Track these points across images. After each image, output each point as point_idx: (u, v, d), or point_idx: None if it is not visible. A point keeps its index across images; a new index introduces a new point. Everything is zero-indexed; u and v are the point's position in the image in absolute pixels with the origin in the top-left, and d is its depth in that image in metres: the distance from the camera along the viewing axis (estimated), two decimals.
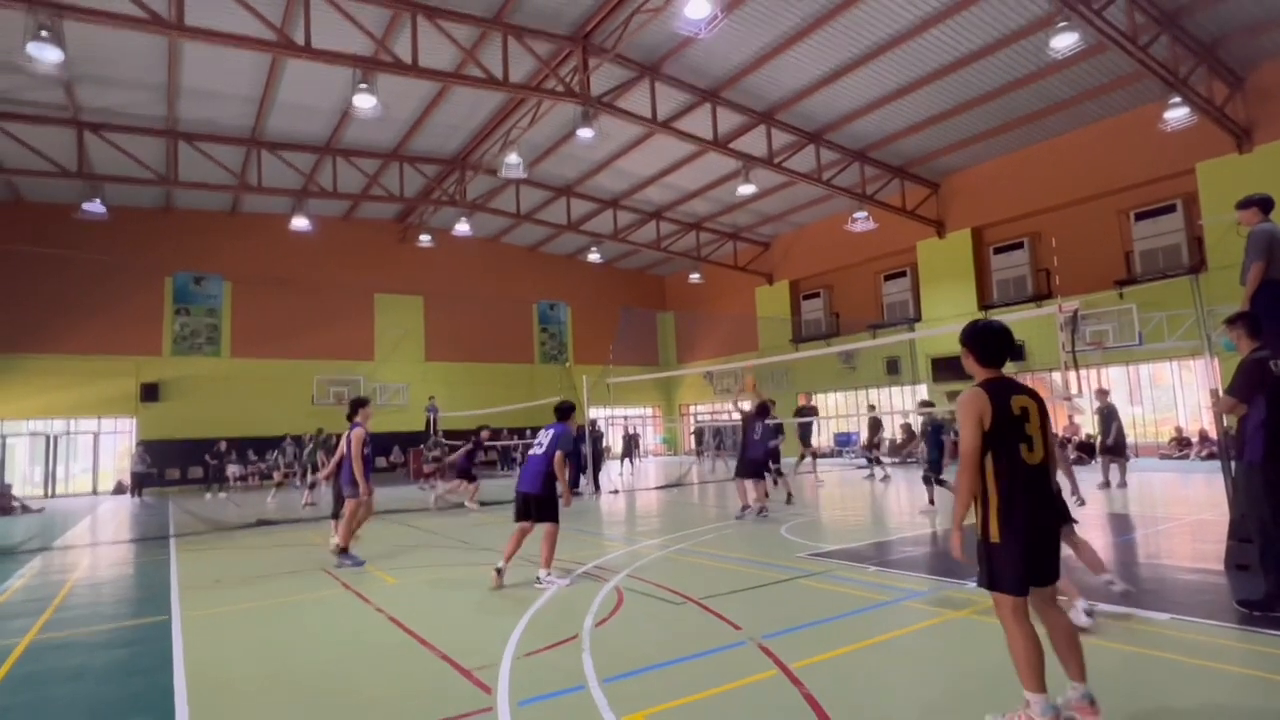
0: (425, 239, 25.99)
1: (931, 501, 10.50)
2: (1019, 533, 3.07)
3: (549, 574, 6.39)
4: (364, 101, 14.39)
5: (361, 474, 8.00)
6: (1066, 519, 4.74)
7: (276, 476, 19.80)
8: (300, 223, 21.84)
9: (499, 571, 6.38)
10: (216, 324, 24.76)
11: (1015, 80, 16.94)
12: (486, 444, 15.31)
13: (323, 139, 20.14)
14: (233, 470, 23.23)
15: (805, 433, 16.79)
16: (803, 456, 17.02)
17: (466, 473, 14.14)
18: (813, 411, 17.81)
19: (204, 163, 18.95)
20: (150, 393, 23.12)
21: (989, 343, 3.27)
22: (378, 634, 5.14)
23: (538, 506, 6.45)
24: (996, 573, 3.12)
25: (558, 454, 6.38)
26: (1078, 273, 18.63)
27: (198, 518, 13.74)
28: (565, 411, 6.80)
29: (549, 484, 6.42)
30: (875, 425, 18.06)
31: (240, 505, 16.48)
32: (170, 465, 22.65)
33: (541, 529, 6.51)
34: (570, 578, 6.54)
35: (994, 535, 3.10)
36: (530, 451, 6.60)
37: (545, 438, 6.52)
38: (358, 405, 8.45)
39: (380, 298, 27.74)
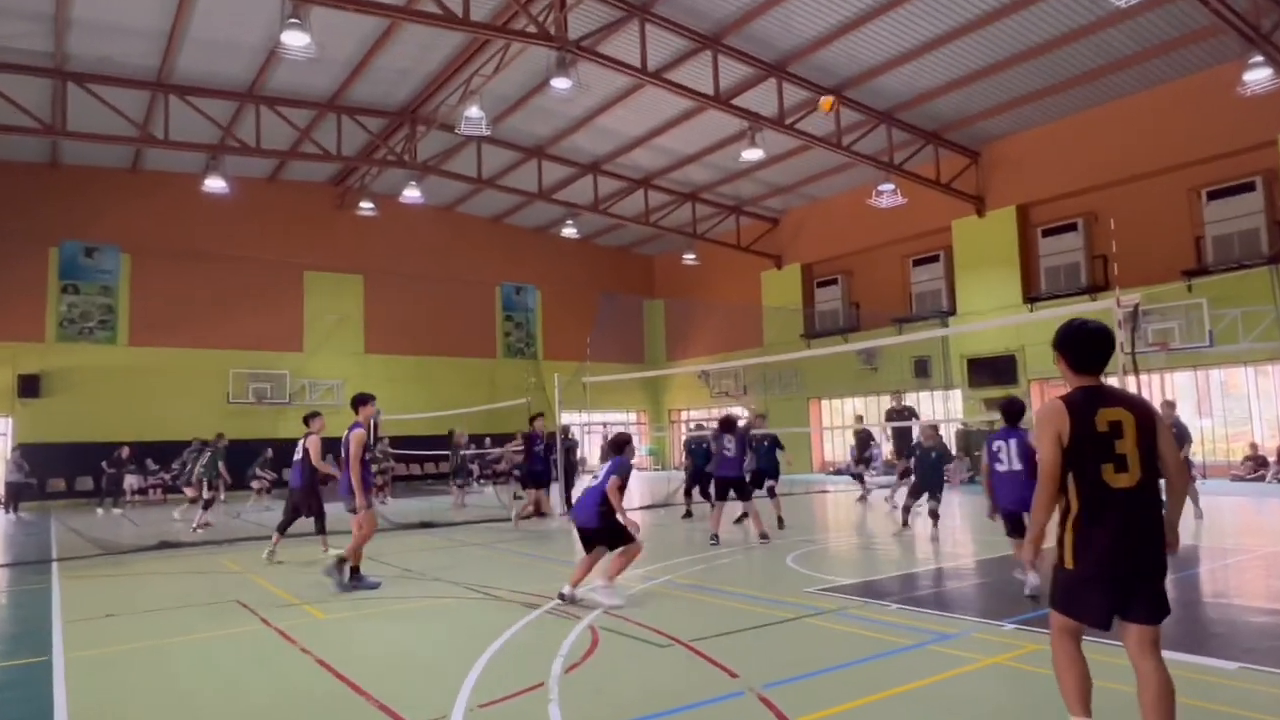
0: (367, 206, 25.81)
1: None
2: (1096, 563, 3.19)
3: (607, 586, 6.86)
4: (295, 39, 14.25)
5: (360, 483, 8.08)
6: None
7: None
8: (215, 184, 21.60)
9: (562, 597, 6.97)
10: (111, 304, 24.45)
11: (1071, 32, 17.09)
12: (464, 450, 15.20)
13: (244, 84, 19.92)
14: (131, 482, 22.97)
15: (901, 444, 15.73)
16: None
17: (539, 477, 13.89)
18: (904, 415, 17.10)
19: (99, 109, 18.67)
20: (29, 386, 22.78)
21: (1084, 347, 3.39)
22: (303, 680, 5.11)
23: (607, 537, 7.02)
24: (1059, 595, 3.33)
25: (612, 479, 6.99)
26: (1139, 261, 18.82)
27: (86, 538, 13.57)
28: (621, 445, 7.43)
29: (606, 517, 6.96)
30: (865, 440, 18.23)
31: (138, 523, 16.30)
32: (54, 474, 22.33)
33: (622, 548, 7.06)
34: (624, 598, 6.90)
35: (1068, 561, 3.25)
36: (587, 485, 7.29)
37: (602, 471, 7.21)
38: (359, 402, 8.51)
39: (311, 276, 27.52)
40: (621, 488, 7.06)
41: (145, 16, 16.71)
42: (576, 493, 16.98)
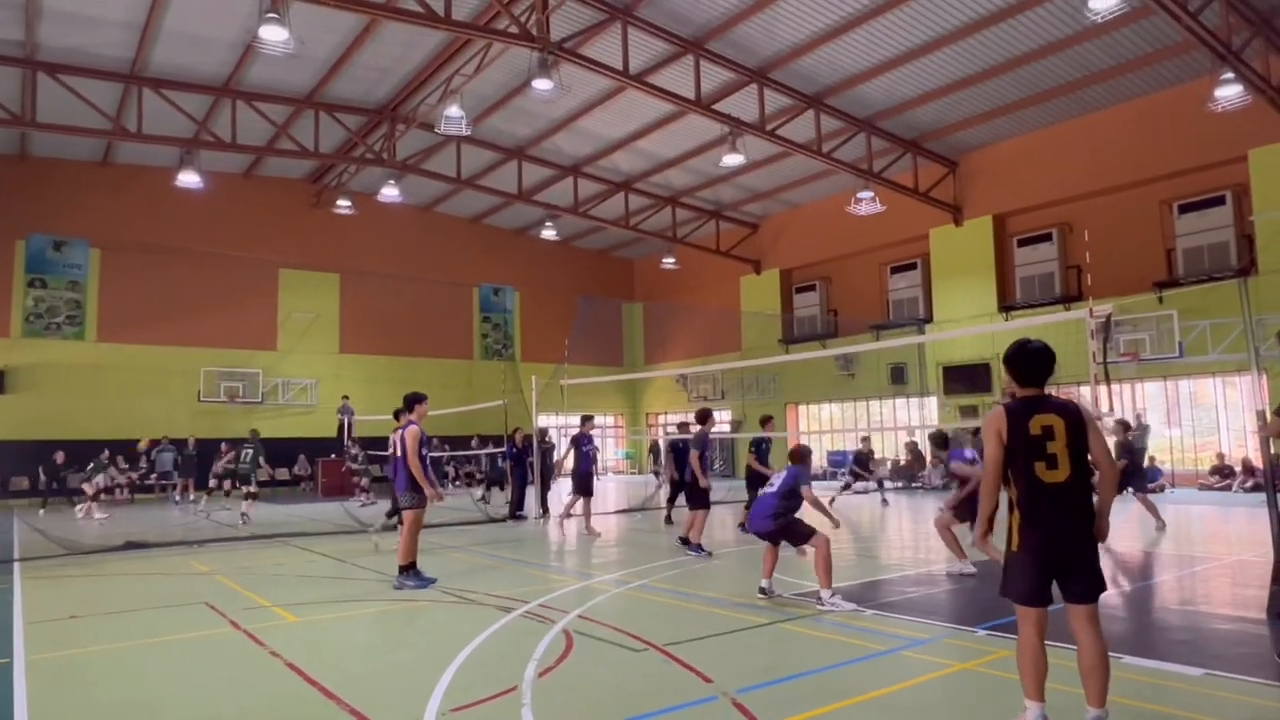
0: (344, 204, 25.60)
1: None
2: (1033, 548, 3.71)
3: (832, 594, 6.98)
4: (273, 34, 14.11)
5: (423, 476, 8.34)
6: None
7: (214, 483, 18.79)
8: (189, 179, 21.30)
9: (764, 591, 7.30)
10: (80, 300, 24.04)
11: (1047, 45, 17.37)
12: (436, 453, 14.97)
13: (220, 78, 19.70)
14: (99, 481, 22.57)
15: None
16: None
17: (697, 495, 11.55)
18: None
19: (70, 101, 18.36)
20: None
21: (1025, 364, 3.93)
22: (272, 684, 5.05)
23: (787, 536, 7.28)
24: (1008, 581, 3.84)
25: (805, 490, 7.30)
26: (1112, 271, 19.17)
27: (50, 538, 13.33)
28: (803, 455, 7.73)
29: (778, 521, 7.22)
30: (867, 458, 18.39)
31: (105, 523, 16.03)
32: (17, 472, 21.88)
33: (810, 553, 7.32)
34: (854, 604, 6.91)
35: (1014, 545, 3.78)
36: (762, 491, 7.67)
37: (778, 479, 7.53)
38: (414, 401, 8.75)
39: (286, 274, 27.24)
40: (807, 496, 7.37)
41: (119, 7, 16.48)
42: (555, 495, 16.96)
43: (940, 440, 9.79)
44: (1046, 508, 3.69)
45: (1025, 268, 21.91)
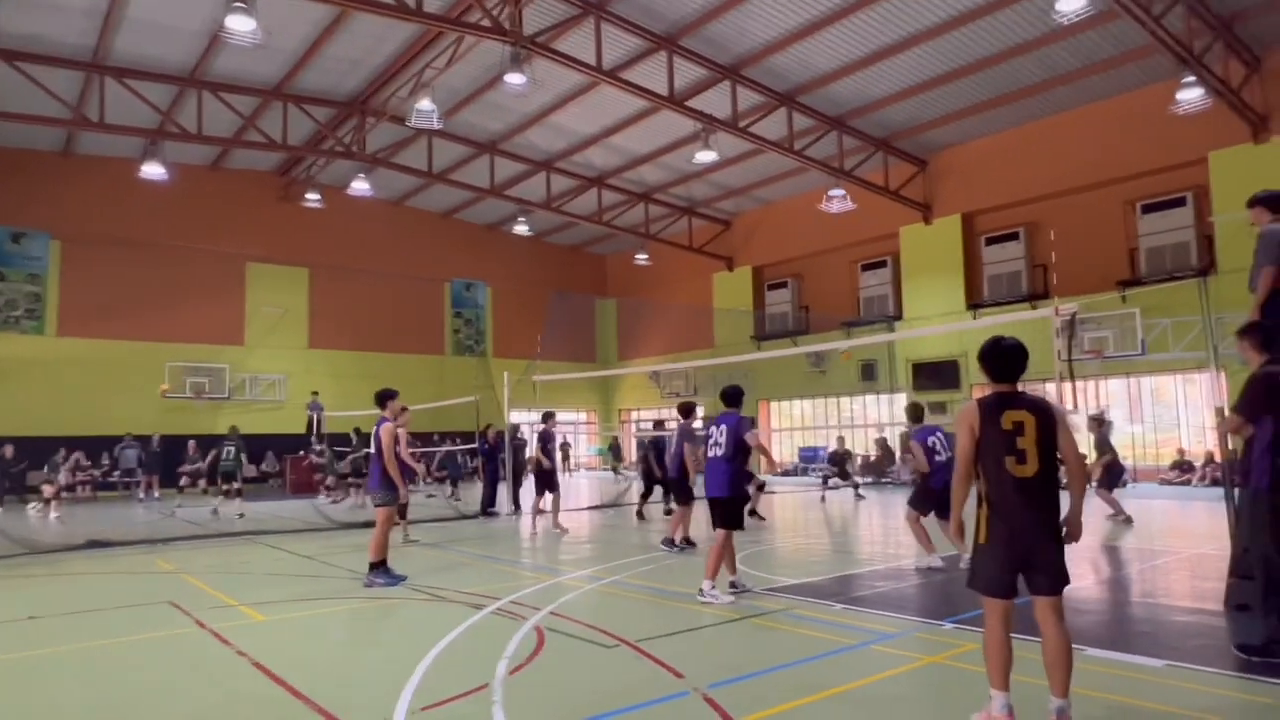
0: (313, 198, 25.26)
1: None
2: (1000, 541, 3.80)
3: (713, 586, 6.85)
4: (240, 23, 13.90)
5: (398, 474, 8.37)
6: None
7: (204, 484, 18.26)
8: (154, 170, 20.90)
9: (733, 586, 7.03)
10: (39, 293, 23.48)
11: (1016, 46, 17.60)
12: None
13: (186, 67, 19.32)
14: (61, 479, 22.09)
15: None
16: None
17: (685, 491, 10.79)
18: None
19: (29, 89, 17.89)
20: None
21: (998, 361, 4.02)
22: (239, 684, 4.99)
23: (721, 510, 7.04)
24: (975, 573, 3.93)
25: (750, 436, 6.93)
26: (1077, 270, 19.48)
27: (10, 537, 13.02)
28: (734, 396, 7.36)
29: (737, 484, 6.96)
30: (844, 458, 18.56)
31: (61, 521, 15.70)
32: None
33: (718, 535, 7.05)
34: (734, 597, 6.92)
35: (981, 537, 3.87)
36: (710, 455, 7.15)
37: (720, 434, 7.05)
38: (386, 397, 8.75)
39: (254, 268, 26.83)
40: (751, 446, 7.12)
41: None
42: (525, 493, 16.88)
43: (916, 413, 9.85)
44: (1014, 502, 3.76)
45: (993, 266, 22.21)
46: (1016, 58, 18.03)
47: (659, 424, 15.72)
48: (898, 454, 23.25)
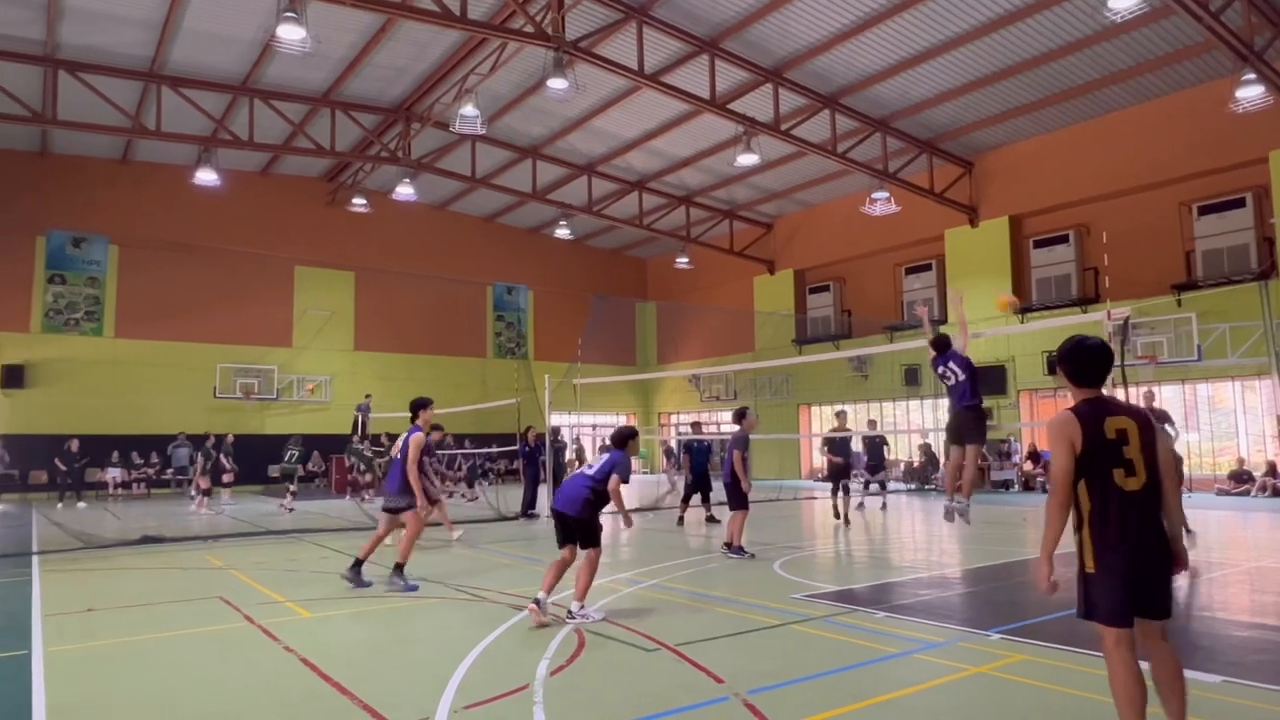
0: (359, 203, 25.73)
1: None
2: (1116, 563, 3.38)
3: (583, 607, 6.57)
4: (290, 33, 14.19)
5: (419, 484, 8.30)
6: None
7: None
8: (206, 176, 21.49)
9: (538, 604, 6.40)
10: (98, 296, 24.28)
11: (1066, 45, 17.23)
12: (440, 449, 14.97)
13: (238, 76, 19.84)
14: (113, 475, 22.84)
15: None
16: None
17: (739, 496, 10.35)
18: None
19: (90, 99, 18.55)
20: (14, 377, 22.59)
21: (1082, 362, 3.60)
22: (286, 679, 5.08)
23: (581, 530, 6.73)
24: (1092, 603, 3.45)
25: (613, 479, 6.70)
26: (1130, 274, 19.00)
27: (68, 531, 13.46)
28: (624, 439, 7.13)
29: (591, 509, 6.74)
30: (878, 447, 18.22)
31: (121, 517, 16.19)
32: (36, 466, 22.12)
33: (583, 556, 6.72)
34: (604, 612, 6.69)
35: (1089, 565, 3.43)
36: (577, 471, 7.08)
37: (599, 463, 6.92)
38: (419, 407, 8.70)
39: (302, 272, 27.41)
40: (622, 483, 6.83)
41: (139, 6, 16.64)
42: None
43: (942, 344, 9.33)
44: (1127, 518, 3.36)
45: (1041, 269, 21.74)
46: (1066, 56, 17.65)
47: (696, 425, 15.66)
48: (941, 460, 22.88)
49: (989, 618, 6.52)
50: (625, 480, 6.84)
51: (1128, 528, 3.36)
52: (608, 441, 7.37)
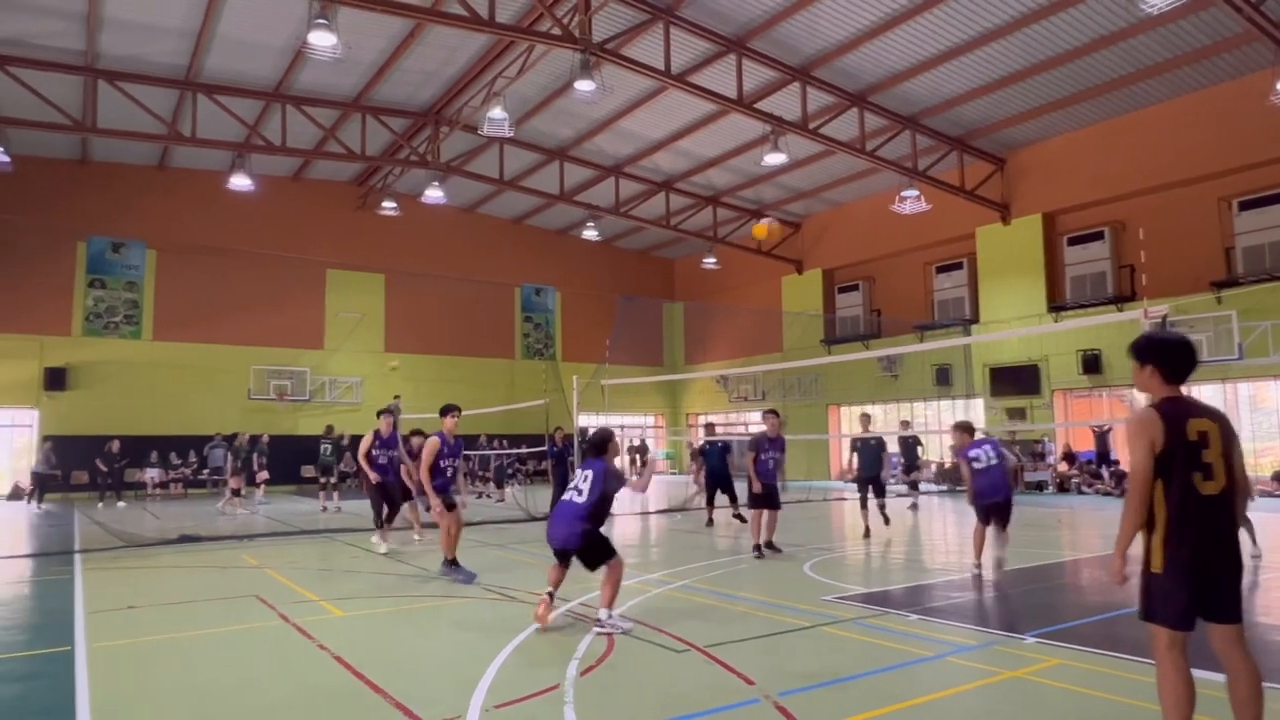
0: (389, 206, 26.00)
1: None
2: (1185, 567, 3.29)
3: (610, 615, 6.22)
4: (322, 39, 14.39)
5: (430, 486, 8.61)
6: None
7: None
8: (240, 181, 21.83)
9: (551, 596, 6.29)
10: (137, 300, 24.79)
11: (1100, 38, 16.93)
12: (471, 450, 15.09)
13: (271, 83, 20.15)
14: (152, 475, 23.29)
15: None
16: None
17: (755, 498, 10.49)
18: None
19: (128, 107, 18.96)
20: (56, 379, 23.14)
21: (1176, 357, 3.48)
22: (320, 676, 5.15)
23: (590, 556, 6.29)
24: (1154, 604, 3.36)
25: (612, 491, 6.27)
26: (1167, 271, 18.62)
27: (109, 530, 13.76)
28: (602, 444, 6.54)
29: (589, 535, 6.26)
30: (912, 446, 18.03)
31: (160, 516, 16.51)
32: (78, 466, 22.60)
33: (603, 570, 6.30)
34: (633, 624, 6.32)
35: (1156, 565, 3.33)
36: (565, 497, 6.42)
37: (585, 483, 6.33)
38: (444, 412, 9.02)
39: (334, 274, 27.77)
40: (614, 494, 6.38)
41: (175, 16, 16.95)
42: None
43: (967, 429, 9.25)
44: (1201, 522, 3.29)
45: (1076, 267, 21.39)
46: (1100, 51, 17.34)
47: (710, 427, 15.63)
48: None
49: (1024, 621, 6.43)
50: (620, 486, 6.39)
51: (1203, 533, 3.28)
52: (585, 449, 6.75)
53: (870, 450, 12.39)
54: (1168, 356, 3.48)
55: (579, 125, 23.13)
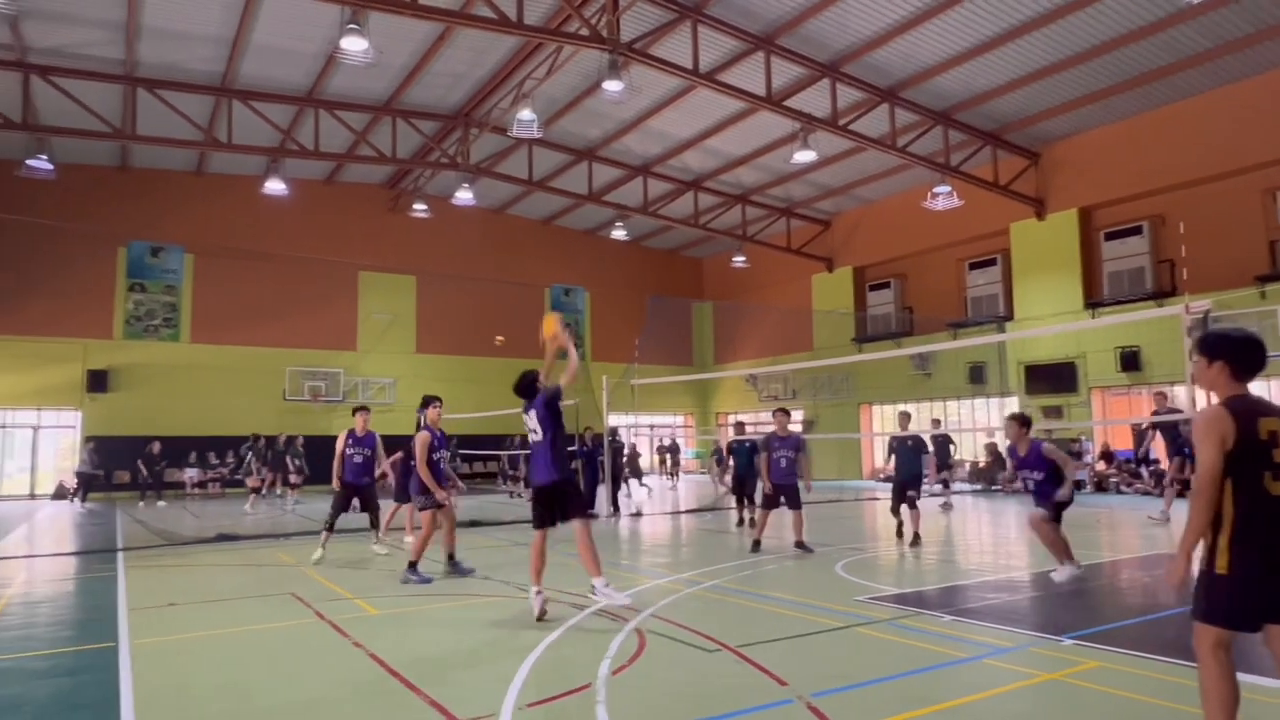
0: (420, 208, 26.27)
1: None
2: (1250, 569, 3.21)
3: (605, 583, 6.53)
4: (353, 44, 14.59)
5: (432, 480, 8.68)
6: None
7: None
8: (275, 186, 22.21)
9: (539, 593, 6.53)
10: (175, 303, 25.30)
11: (1136, 29, 16.60)
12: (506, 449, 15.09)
13: (304, 88, 20.46)
14: (190, 475, 23.76)
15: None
16: None
17: (790, 495, 10.71)
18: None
19: (166, 114, 19.37)
20: (98, 381, 23.70)
21: (1247, 353, 3.41)
22: (356, 673, 5.22)
23: (561, 500, 6.66)
24: (1212, 605, 3.27)
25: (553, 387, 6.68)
26: (1209, 265, 18.22)
27: (150, 529, 14.07)
28: (532, 384, 7.15)
29: (564, 467, 6.68)
30: (944, 445, 17.76)
31: (199, 515, 16.84)
32: (120, 466, 23.14)
33: (572, 529, 6.68)
34: (627, 595, 6.72)
35: (1221, 566, 3.25)
36: (532, 440, 6.88)
37: (534, 420, 6.82)
38: (426, 404, 9.21)
39: (366, 276, 28.11)
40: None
41: (211, 23, 17.27)
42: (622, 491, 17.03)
43: (1024, 421, 8.70)
44: (1271, 523, 3.20)
45: (1113, 262, 21.00)
46: (1138, 41, 16.99)
47: (740, 426, 15.59)
48: (1008, 461, 22.25)
49: (1061, 622, 6.33)
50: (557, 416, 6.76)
51: (1273, 533, 3.19)
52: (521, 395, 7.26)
53: (907, 451, 12.04)
54: (1239, 352, 3.40)
55: (607, 125, 23.17)
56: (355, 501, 10.39)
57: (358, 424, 10.71)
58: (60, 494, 23.09)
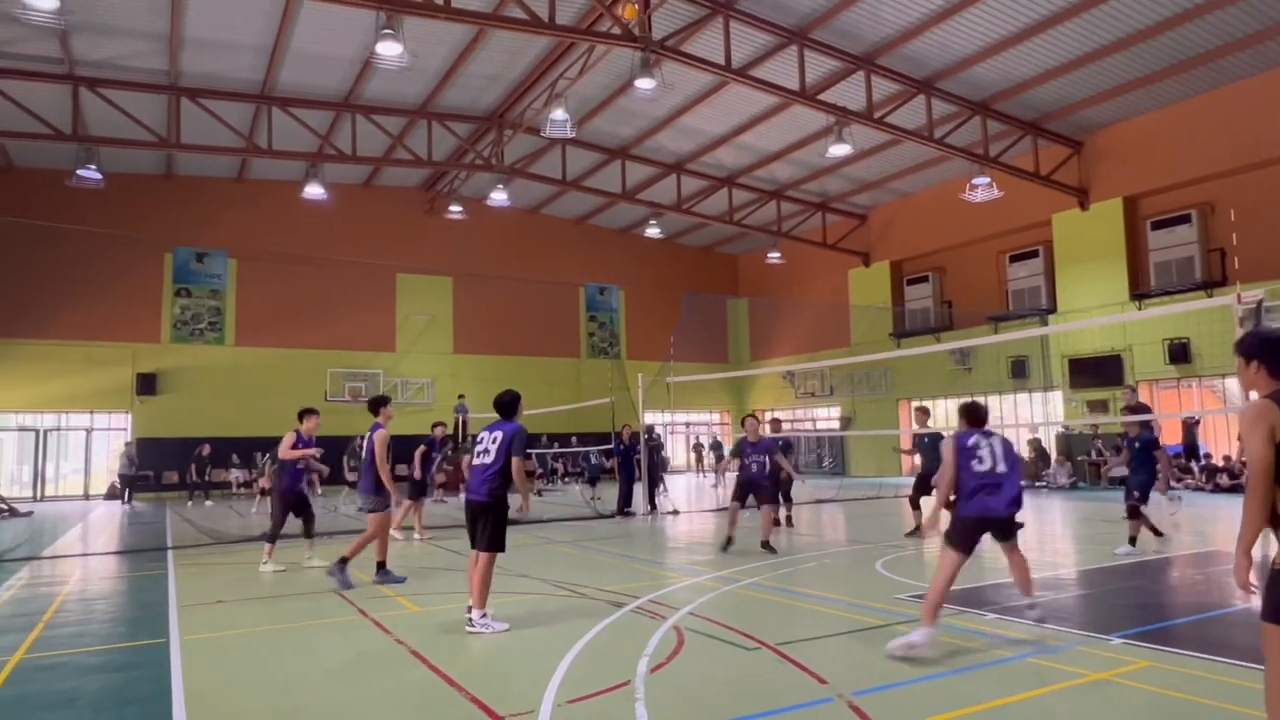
0: (455, 210, 26.52)
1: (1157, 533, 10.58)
2: None
3: (483, 615, 6.26)
4: (388, 49, 14.76)
5: (390, 480, 8.61)
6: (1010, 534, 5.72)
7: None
8: (314, 191, 22.57)
9: (470, 617, 6.30)
10: (220, 307, 25.87)
11: (1182, 12, 16.15)
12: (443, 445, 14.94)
13: (341, 94, 20.77)
14: (235, 475, 24.27)
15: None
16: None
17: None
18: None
19: (209, 122, 19.80)
20: (147, 384, 24.33)
21: None
22: (399, 670, 5.30)
23: (484, 523, 6.38)
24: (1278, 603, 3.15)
25: (515, 461, 6.32)
26: (1262, 253, 17.67)
27: (199, 528, 14.41)
28: (510, 405, 6.70)
29: (496, 493, 6.37)
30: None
31: (245, 515, 17.20)
32: (168, 467, 23.76)
33: (482, 558, 6.37)
34: (505, 625, 6.31)
35: None
36: (476, 462, 6.51)
37: (492, 443, 6.43)
38: (378, 404, 9.19)
39: (403, 278, 28.47)
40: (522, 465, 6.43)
41: (251, 33, 17.61)
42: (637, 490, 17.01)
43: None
44: None
45: (1160, 252, 20.46)
46: (1183, 25, 16.52)
47: (775, 424, 15.48)
48: (1052, 456, 21.86)
49: (1110, 621, 6.19)
50: (524, 456, 6.39)
51: None
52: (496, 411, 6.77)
53: (927, 447, 11.87)
54: (1274, 351, 3.31)
55: (640, 124, 23.18)
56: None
57: (305, 426, 10.22)
58: (112, 494, 23.72)
